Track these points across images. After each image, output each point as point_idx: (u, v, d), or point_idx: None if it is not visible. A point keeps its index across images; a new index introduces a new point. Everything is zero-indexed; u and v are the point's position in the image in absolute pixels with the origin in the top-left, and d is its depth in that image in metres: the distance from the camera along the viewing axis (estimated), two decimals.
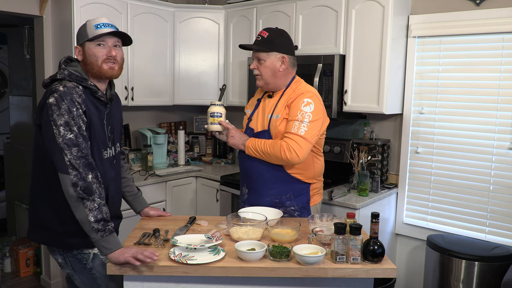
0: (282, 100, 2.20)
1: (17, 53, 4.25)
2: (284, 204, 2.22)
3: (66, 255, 1.83)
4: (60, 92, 1.68)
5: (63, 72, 1.76)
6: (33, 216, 1.85)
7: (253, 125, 2.28)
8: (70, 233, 1.76)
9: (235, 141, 2.20)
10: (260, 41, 2.17)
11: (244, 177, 2.33)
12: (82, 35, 1.81)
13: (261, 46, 2.16)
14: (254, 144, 2.15)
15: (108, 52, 1.80)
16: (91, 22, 1.81)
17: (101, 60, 1.79)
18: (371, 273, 1.64)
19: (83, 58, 1.81)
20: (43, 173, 1.78)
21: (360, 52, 2.92)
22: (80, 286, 1.88)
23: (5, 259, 3.76)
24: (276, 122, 2.16)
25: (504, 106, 2.71)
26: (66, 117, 1.65)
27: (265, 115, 2.24)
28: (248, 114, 2.35)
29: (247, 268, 1.61)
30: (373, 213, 1.67)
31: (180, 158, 3.82)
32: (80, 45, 1.82)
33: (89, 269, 1.83)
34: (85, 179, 1.63)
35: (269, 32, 2.17)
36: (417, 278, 3.14)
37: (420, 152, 3.05)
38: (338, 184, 3.12)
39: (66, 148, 1.63)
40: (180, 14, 3.65)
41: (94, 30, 1.78)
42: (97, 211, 1.64)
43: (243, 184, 2.35)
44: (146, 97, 3.51)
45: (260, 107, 2.30)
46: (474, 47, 2.79)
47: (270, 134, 2.19)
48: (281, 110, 2.17)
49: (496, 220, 2.78)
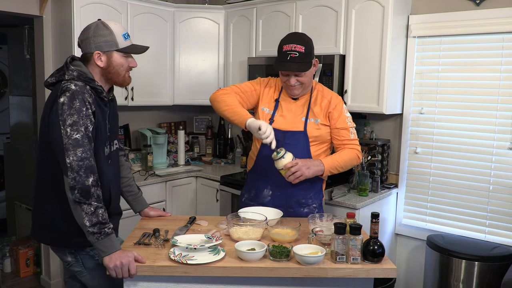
0: (314, 104, 2.21)
1: (17, 53, 4.25)
2: (308, 203, 2.25)
3: (78, 252, 1.83)
4: (72, 91, 1.67)
5: (72, 73, 1.73)
6: (38, 217, 1.84)
7: (278, 126, 2.20)
8: (78, 232, 1.74)
9: (313, 171, 2.09)
10: (300, 57, 2.07)
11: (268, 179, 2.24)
12: (109, 43, 1.77)
13: (306, 64, 2.09)
14: (333, 165, 2.14)
15: (131, 62, 1.85)
16: (117, 30, 1.78)
17: (125, 70, 1.83)
18: (371, 273, 1.64)
19: (106, 66, 1.79)
20: (50, 172, 1.77)
21: (360, 52, 2.92)
22: (88, 282, 1.88)
23: (5, 259, 3.76)
24: (316, 126, 2.19)
25: (504, 106, 2.71)
26: (75, 117, 1.65)
27: (297, 118, 2.20)
28: (269, 114, 2.25)
29: (247, 268, 1.61)
30: (373, 213, 1.68)
31: (180, 158, 3.82)
32: (104, 52, 1.77)
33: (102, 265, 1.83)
34: (84, 182, 1.63)
35: (303, 45, 2.08)
36: (417, 278, 3.14)
37: (419, 152, 3.05)
38: (338, 184, 3.12)
39: (70, 148, 1.63)
40: (180, 14, 3.66)
41: (123, 41, 1.79)
42: (93, 215, 1.63)
43: (265, 186, 2.26)
44: (146, 97, 3.51)
45: (284, 108, 2.23)
46: (474, 47, 2.79)
47: (306, 135, 2.19)
48: (320, 115, 2.20)
49: (496, 220, 2.78)
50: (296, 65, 2.07)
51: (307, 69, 2.10)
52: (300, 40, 2.10)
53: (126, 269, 1.60)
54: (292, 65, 2.07)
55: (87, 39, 1.77)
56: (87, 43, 1.77)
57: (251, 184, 2.35)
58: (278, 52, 2.13)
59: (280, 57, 2.12)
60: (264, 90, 2.30)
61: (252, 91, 2.29)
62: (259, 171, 2.28)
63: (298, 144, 2.18)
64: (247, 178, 2.41)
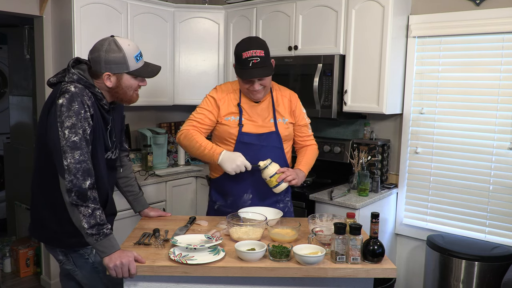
0: (277, 103, 2.26)
1: (17, 53, 4.25)
2: (282, 199, 2.32)
3: (68, 251, 1.84)
4: (72, 93, 1.67)
5: (72, 76, 1.72)
6: (34, 214, 1.86)
7: (249, 130, 2.19)
8: (69, 233, 1.76)
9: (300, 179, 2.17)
10: (262, 62, 2.05)
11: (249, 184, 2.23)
12: (120, 66, 1.75)
13: (269, 68, 2.09)
14: (308, 169, 2.29)
15: (141, 82, 1.85)
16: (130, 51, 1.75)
17: (133, 90, 1.83)
18: (371, 273, 1.64)
19: (115, 86, 1.78)
20: (43, 173, 1.78)
21: (360, 52, 2.92)
22: (81, 281, 1.89)
23: (5, 259, 3.76)
24: (285, 125, 2.26)
25: (504, 106, 2.71)
26: (74, 119, 1.64)
27: (266, 119, 2.22)
28: (235, 121, 2.19)
29: (247, 268, 1.61)
30: (373, 213, 1.68)
31: (180, 158, 3.82)
32: (114, 74, 1.76)
33: (91, 263, 1.84)
34: (81, 185, 1.62)
35: (262, 49, 2.06)
36: (417, 278, 3.14)
37: (420, 152, 3.05)
38: (338, 184, 3.12)
39: (68, 151, 1.62)
40: (180, 14, 3.65)
41: (135, 63, 1.78)
42: (90, 217, 1.63)
43: (245, 191, 2.25)
44: (146, 97, 3.51)
45: (249, 112, 2.20)
46: (474, 47, 2.79)
47: (279, 135, 2.23)
48: (285, 114, 2.26)
49: (496, 220, 2.78)
50: (261, 70, 2.05)
51: (272, 72, 2.10)
52: (257, 45, 2.08)
53: (126, 269, 1.60)
54: (257, 71, 2.05)
55: (98, 58, 1.74)
56: (98, 62, 1.75)
57: (224, 191, 2.29)
58: (238, 61, 2.09)
59: (241, 65, 2.07)
60: (219, 102, 2.20)
61: (208, 115, 2.20)
62: (237, 176, 2.15)
63: (274, 144, 2.21)
64: (215, 184, 2.34)
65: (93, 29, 3.04)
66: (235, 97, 2.22)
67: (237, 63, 2.10)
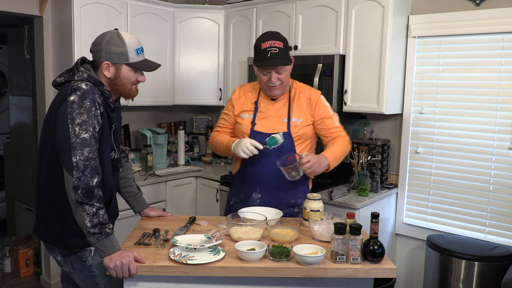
0: (295, 103, 2.22)
1: (17, 53, 4.25)
2: (297, 203, 2.26)
3: (66, 253, 1.84)
4: (83, 90, 1.67)
5: (82, 74, 1.73)
6: (38, 214, 1.86)
7: (261, 129, 2.21)
8: (72, 233, 1.76)
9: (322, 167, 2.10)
10: (280, 52, 2.07)
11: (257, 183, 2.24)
12: (120, 56, 1.76)
13: (287, 59, 2.11)
14: (334, 159, 2.17)
15: (140, 77, 1.84)
16: (131, 43, 1.77)
17: (131, 84, 1.82)
18: (371, 273, 1.64)
19: (113, 77, 1.79)
20: (48, 173, 1.77)
21: (360, 52, 2.92)
22: (79, 284, 1.89)
23: (5, 259, 3.76)
24: (298, 125, 2.20)
25: (504, 106, 2.71)
26: (85, 116, 1.65)
27: (280, 119, 2.21)
28: (249, 119, 2.25)
29: (247, 268, 1.61)
30: (373, 213, 1.68)
31: (180, 158, 3.82)
32: (113, 64, 1.77)
33: (88, 267, 1.83)
34: (89, 183, 1.62)
35: (281, 41, 2.10)
36: (417, 278, 3.14)
37: (420, 152, 3.05)
38: (338, 184, 3.12)
39: (78, 147, 1.62)
40: (180, 14, 3.66)
41: (135, 56, 1.78)
42: (94, 216, 1.63)
43: (253, 190, 2.26)
44: (146, 97, 3.51)
45: (264, 110, 2.23)
46: (474, 47, 2.79)
47: (290, 135, 2.19)
48: (300, 114, 2.21)
49: (496, 220, 2.78)
50: (278, 60, 2.08)
51: (289, 63, 2.12)
52: (278, 37, 2.12)
53: (126, 269, 1.60)
54: (274, 60, 2.07)
55: (100, 47, 1.77)
56: (99, 51, 1.77)
57: (239, 187, 2.33)
58: (257, 51, 2.11)
59: (260, 56, 2.10)
60: (235, 102, 2.31)
61: (227, 119, 2.34)
62: (246, 174, 2.25)
63: (284, 144, 2.17)
64: (234, 180, 2.38)
65: (93, 29, 3.03)
66: (253, 95, 2.28)
67: (256, 54, 2.13)
